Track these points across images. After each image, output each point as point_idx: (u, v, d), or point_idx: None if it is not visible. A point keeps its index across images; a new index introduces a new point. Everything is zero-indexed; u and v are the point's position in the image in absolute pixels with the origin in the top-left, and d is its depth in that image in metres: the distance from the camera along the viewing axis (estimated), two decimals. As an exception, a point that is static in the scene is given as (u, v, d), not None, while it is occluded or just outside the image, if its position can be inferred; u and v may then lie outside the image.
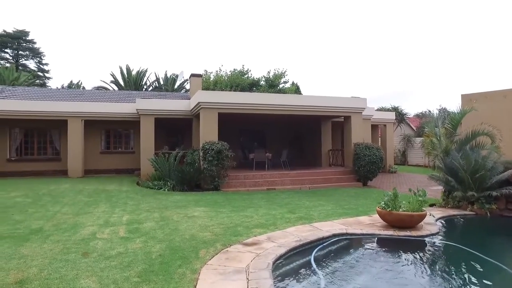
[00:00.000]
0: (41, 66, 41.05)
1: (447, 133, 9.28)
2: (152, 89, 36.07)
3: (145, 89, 35.07)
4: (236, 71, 30.57)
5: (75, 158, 15.65)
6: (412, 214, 6.16)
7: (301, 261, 4.86)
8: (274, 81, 29.87)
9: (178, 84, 35.73)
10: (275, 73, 30.49)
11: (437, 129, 9.23)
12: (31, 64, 40.63)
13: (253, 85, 29.56)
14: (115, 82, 34.22)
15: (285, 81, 31.15)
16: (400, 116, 25.51)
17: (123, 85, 33.67)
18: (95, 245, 5.16)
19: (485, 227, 7.41)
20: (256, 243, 5.27)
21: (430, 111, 30.80)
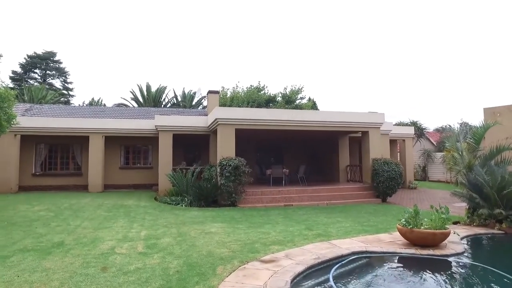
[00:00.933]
0: (66, 84, 42.91)
1: (469, 148, 9.02)
2: (170, 105, 36.84)
3: (163, 105, 35.86)
4: (252, 87, 30.87)
5: (95, 173, 16.05)
6: (434, 232, 5.95)
7: (320, 279, 4.75)
8: (290, 97, 29.95)
9: (196, 100, 36.37)
10: (291, 89, 30.61)
11: (459, 144, 9.00)
12: (57, 82, 42.58)
13: (269, 101, 29.70)
14: (135, 99, 35.19)
15: (301, 97, 31.20)
16: (419, 130, 24.95)
17: (142, 102, 34.56)
18: (114, 260, 5.22)
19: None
20: (273, 260, 5.20)
21: (450, 126, 30.02)
